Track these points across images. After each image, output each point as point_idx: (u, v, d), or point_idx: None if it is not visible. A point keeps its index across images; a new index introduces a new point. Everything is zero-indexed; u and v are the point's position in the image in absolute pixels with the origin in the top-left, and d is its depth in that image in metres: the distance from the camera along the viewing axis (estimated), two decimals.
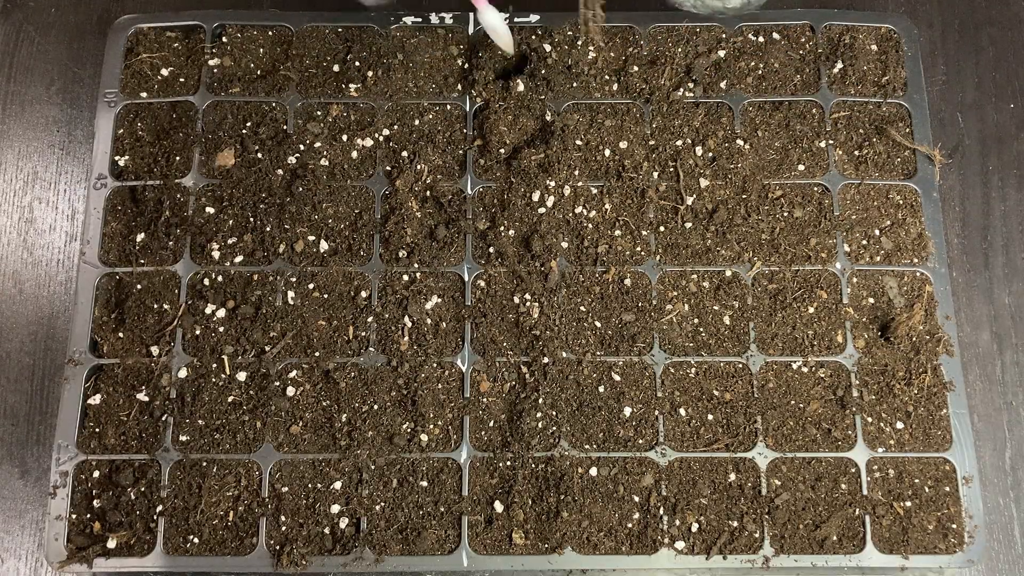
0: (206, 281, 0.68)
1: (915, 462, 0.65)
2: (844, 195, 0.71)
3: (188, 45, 0.75)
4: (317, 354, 0.66)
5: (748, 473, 0.64)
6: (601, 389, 0.66)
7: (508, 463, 0.64)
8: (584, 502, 0.64)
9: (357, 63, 0.73)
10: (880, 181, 0.71)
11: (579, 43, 0.73)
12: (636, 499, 0.64)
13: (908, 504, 0.64)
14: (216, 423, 0.65)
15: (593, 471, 0.64)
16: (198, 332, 0.67)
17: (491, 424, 0.65)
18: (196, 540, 0.63)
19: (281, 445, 0.65)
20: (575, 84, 0.72)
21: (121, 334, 0.67)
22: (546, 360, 0.66)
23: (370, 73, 0.73)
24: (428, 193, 0.70)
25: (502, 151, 0.71)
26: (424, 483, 0.64)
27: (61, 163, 0.75)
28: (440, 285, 0.68)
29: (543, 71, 0.71)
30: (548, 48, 0.72)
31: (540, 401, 0.65)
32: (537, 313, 0.67)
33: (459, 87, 0.73)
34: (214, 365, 0.66)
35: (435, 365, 0.66)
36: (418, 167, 0.70)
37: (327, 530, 0.63)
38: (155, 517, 0.63)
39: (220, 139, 0.71)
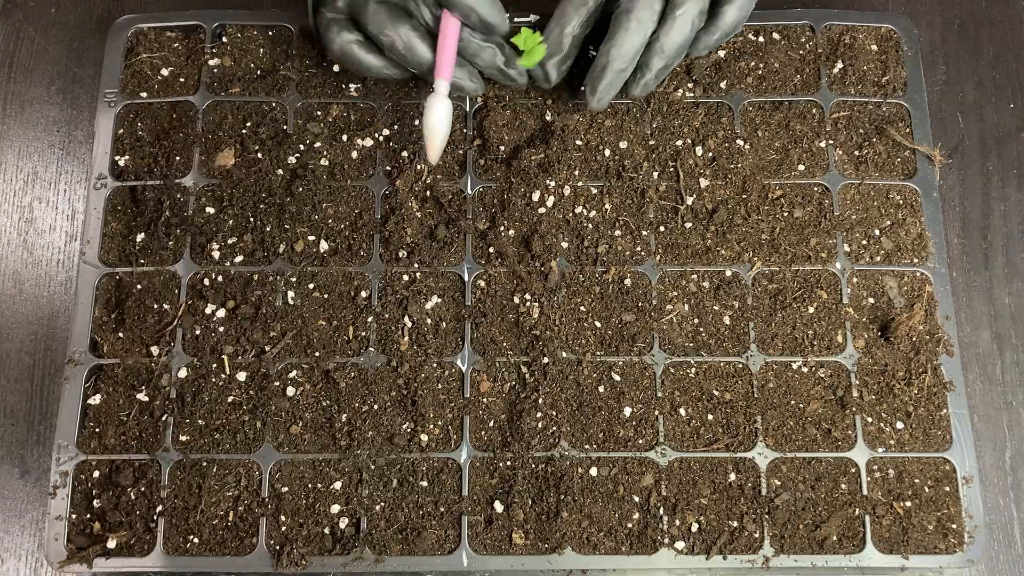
0: (206, 281, 0.68)
1: (915, 462, 0.65)
2: (844, 195, 0.71)
3: (188, 45, 0.75)
4: (317, 354, 0.66)
5: (748, 473, 0.64)
6: (601, 389, 0.66)
7: (508, 463, 0.64)
8: (584, 502, 0.64)
9: None
10: (880, 181, 0.71)
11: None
12: (636, 499, 0.64)
13: (908, 504, 0.64)
14: (216, 423, 0.65)
15: (593, 471, 0.64)
16: (198, 332, 0.67)
17: (491, 424, 0.65)
18: (196, 540, 0.63)
19: (281, 445, 0.65)
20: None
21: (121, 334, 0.67)
22: (546, 360, 0.66)
23: None
24: (428, 193, 0.70)
25: (502, 150, 0.71)
26: (424, 483, 0.64)
27: (61, 163, 0.75)
28: (440, 285, 0.68)
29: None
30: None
31: (540, 401, 0.65)
32: (537, 313, 0.67)
33: None
34: (214, 365, 0.66)
35: (435, 365, 0.66)
36: (418, 167, 0.70)
37: (327, 530, 0.63)
38: (155, 517, 0.63)
39: (220, 139, 0.71)
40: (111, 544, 0.63)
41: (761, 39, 0.74)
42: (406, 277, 0.68)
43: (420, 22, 0.66)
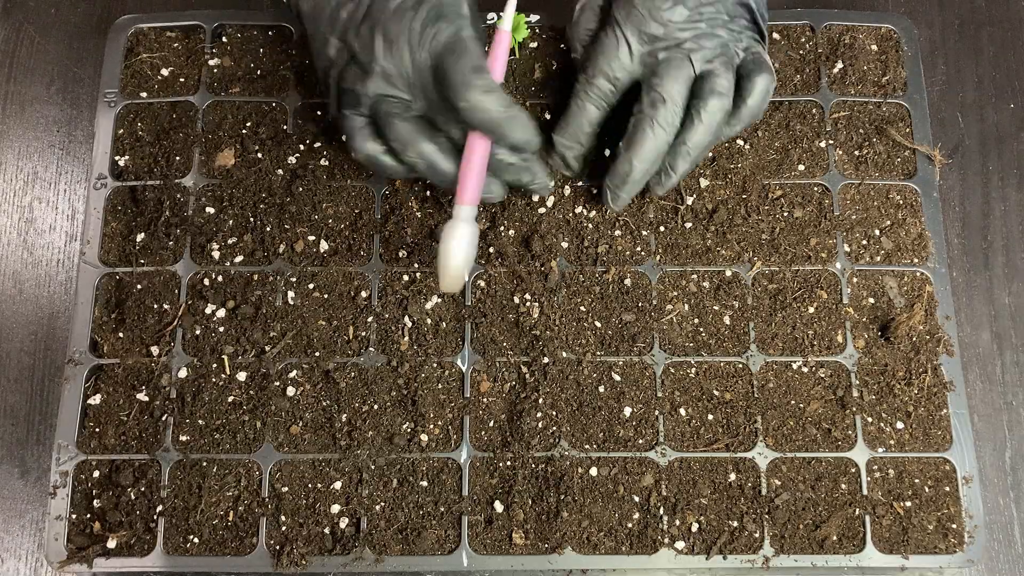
0: (206, 281, 0.68)
1: (915, 462, 0.65)
2: (844, 195, 0.71)
3: (188, 45, 0.75)
4: (317, 354, 0.66)
5: (748, 473, 0.64)
6: (601, 389, 0.66)
7: (508, 463, 0.64)
8: (584, 502, 0.64)
9: None
10: (880, 181, 0.71)
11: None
12: (636, 499, 0.64)
13: (908, 504, 0.64)
14: (216, 423, 0.65)
15: (593, 471, 0.64)
16: (198, 332, 0.67)
17: (491, 424, 0.65)
18: (196, 540, 0.63)
19: (281, 445, 0.65)
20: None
21: (121, 334, 0.67)
22: (546, 360, 0.66)
23: None
24: (428, 193, 0.70)
25: None
26: (424, 483, 0.64)
27: (61, 163, 0.75)
28: None
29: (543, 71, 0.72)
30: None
31: (540, 401, 0.65)
32: (537, 313, 0.67)
33: None
34: (214, 365, 0.66)
35: (435, 365, 0.66)
36: None
37: (327, 530, 0.63)
38: (155, 517, 0.63)
39: (220, 139, 0.71)
40: (111, 544, 0.63)
41: None
42: (406, 277, 0.68)
43: (445, 137, 0.62)
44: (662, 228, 0.69)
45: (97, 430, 0.65)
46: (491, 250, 0.68)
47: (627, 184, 0.64)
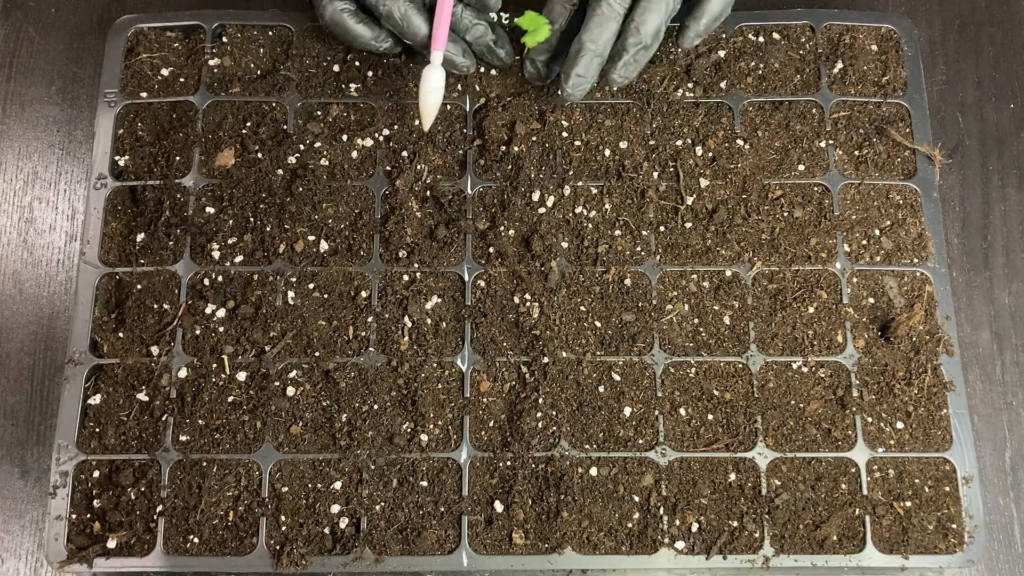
0: (206, 281, 0.68)
1: (915, 462, 0.65)
2: (844, 195, 0.71)
3: (188, 45, 0.75)
4: (317, 354, 0.66)
5: (748, 473, 0.64)
6: (601, 389, 0.66)
7: (508, 463, 0.64)
8: (584, 502, 0.64)
9: (357, 63, 0.73)
10: (880, 181, 0.71)
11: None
12: (636, 499, 0.64)
13: (908, 504, 0.64)
14: (216, 423, 0.65)
15: (593, 471, 0.64)
16: (198, 332, 0.67)
17: (491, 424, 0.65)
18: (196, 540, 0.63)
19: (281, 445, 0.65)
20: None
21: (121, 334, 0.67)
22: (546, 360, 0.66)
23: (370, 73, 0.73)
24: (428, 193, 0.70)
25: (502, 150, 0.71)
26: (424, 483, 0.64)
27: (61, 163, 0.75)
28: (440, 285, 0.68)
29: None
30: None
31: (540, 401, 0.65)
32: (537, 313, 0.67)
33: (459, 86, 0.73)
34: (214, 365, 0.66)
35: (435, 365, 0.66)
36: (418, 167, 0.70)
37: (327, 530, 0.63)
38: (155, 517, 0.63)
39: (220, 139, 0.71)
40: (111, 544, 0.63)
41: (761, 39, 0.74)
42: (406, 277, 0.68)
43: None
44: (662, 228, 0.69)
45: (97, 430, 0.65)
46: (491, 250, 0.68)
47: (578, 62, 0.66)
